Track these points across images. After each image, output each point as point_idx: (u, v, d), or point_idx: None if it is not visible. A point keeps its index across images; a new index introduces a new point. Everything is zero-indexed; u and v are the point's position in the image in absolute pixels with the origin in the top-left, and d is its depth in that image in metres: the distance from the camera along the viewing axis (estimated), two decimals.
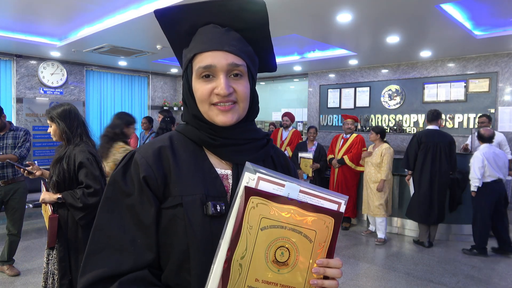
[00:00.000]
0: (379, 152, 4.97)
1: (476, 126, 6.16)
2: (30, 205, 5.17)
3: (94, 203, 2.30)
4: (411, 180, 5.04)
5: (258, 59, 0.94)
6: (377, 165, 4.99)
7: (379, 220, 5.02)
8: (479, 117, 5.78)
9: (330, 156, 5.73)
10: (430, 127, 4.96)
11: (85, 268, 0.79)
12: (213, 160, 0.89)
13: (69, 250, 2.37)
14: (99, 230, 0.82)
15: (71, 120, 2.48)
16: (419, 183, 4.87)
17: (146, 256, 0.79)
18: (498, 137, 5.59)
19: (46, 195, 2.40)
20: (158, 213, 0.81)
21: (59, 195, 2.37)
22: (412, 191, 5.04)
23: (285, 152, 5.75)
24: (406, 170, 5.14)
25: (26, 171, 2.53)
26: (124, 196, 0.82)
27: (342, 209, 0.76)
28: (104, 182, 2.40)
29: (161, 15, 0.89)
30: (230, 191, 0.86)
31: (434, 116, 4.92)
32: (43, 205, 2.50)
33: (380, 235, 5.01)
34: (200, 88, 0.85)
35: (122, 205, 0.82)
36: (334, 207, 0.76)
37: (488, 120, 5.59)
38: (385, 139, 5.16)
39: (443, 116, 6.64)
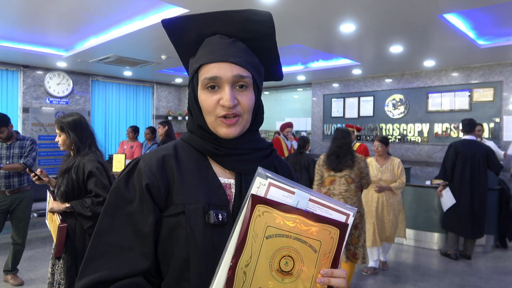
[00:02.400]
0: (391, 168, 4.22)
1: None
2: (35, 214, 5.18)
3: None
4: (443, 192, 4.88)
5: (264, 68, 0.94)
6: (391, 182, 4.18)
7: (390, 245, 4.39)
8: None
9: None
10: (466, 137, 4.88)
11: (83, 272, 0.80)
12: (217, 169, 0.89)
13: (76, 259, 2.37)
14: (99, 236, 0.83)
15: (81, 130, 2.49)
16: (459, 194, 4.74)
17: (142, 263, 0.79)
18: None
19: (54, 205, 2.40)
20: (158, 222, 0.82)
21: (67, 204, 2.38)
22: (444, 202, 4.88)
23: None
24: (440, 181, 5.01)
25: (36, 176, 2.56)
26: (125, 203, 0.83)
27: (350, 220, 0.76)
28: None
29: (168, 24, 0.90)
30: (233, 200, 0.86)
31: (470, 126, 4.84)
32: (49, 214, 2.50)
33: (380, 260, 4.37)
34: (206, 99, 0.85)
35: (123, 212, 0.82)
36: (342, 218, 0.76)
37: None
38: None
39: (447, 125, 6.64)
